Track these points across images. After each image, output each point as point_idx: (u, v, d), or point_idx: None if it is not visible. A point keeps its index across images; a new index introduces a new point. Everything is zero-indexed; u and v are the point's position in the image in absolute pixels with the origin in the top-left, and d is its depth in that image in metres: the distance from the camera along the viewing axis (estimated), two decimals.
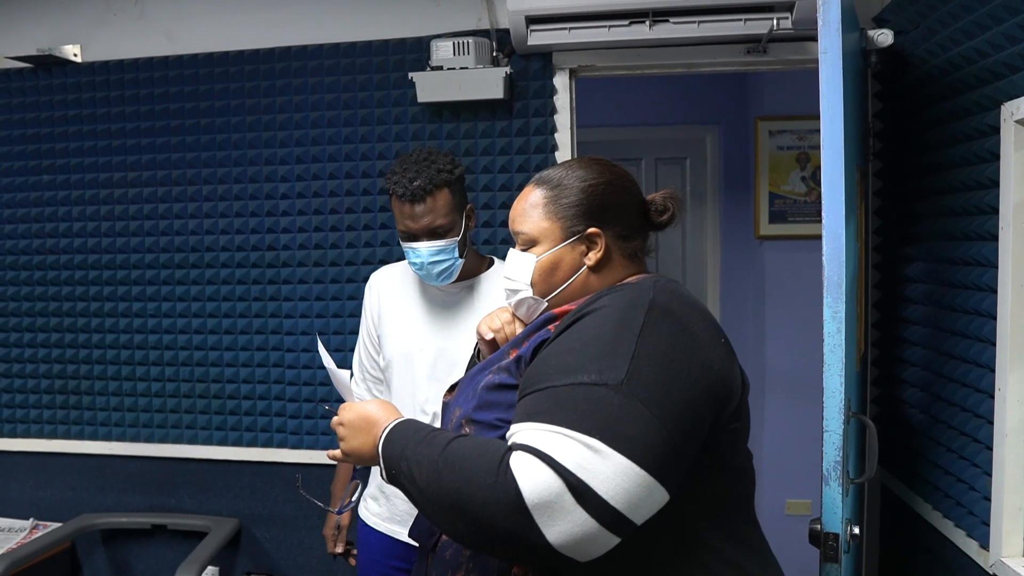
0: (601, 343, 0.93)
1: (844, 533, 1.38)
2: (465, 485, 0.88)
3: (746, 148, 3.35)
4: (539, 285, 1.16)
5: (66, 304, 2.58)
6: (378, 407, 1.10)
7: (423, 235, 1.66)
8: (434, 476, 0.91)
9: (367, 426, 1.08)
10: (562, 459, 0.84)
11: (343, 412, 1.12)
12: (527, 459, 0.85)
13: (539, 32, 2.08)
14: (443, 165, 1.67)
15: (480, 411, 1.08)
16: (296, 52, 2.35)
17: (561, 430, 0.86)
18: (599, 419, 0.86)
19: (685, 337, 0.96)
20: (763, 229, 3.26)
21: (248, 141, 2.40)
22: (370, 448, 1.06)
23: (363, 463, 1.11)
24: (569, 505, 0.82)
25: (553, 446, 0.85)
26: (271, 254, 2.42)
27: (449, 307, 1.80)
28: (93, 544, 2.63)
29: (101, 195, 2.51)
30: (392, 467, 1.00)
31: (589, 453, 0.84)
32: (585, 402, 0.88)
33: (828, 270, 1.34)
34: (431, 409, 1.75)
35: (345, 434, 1.10)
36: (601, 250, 1.13)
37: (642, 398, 0.88)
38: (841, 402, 1.35)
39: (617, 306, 0.98)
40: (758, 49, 2.11)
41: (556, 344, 0.99)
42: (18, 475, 2.68)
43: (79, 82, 2.49)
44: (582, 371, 0.91)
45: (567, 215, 1.14)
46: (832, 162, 1.34)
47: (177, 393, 2.52)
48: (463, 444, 0.93)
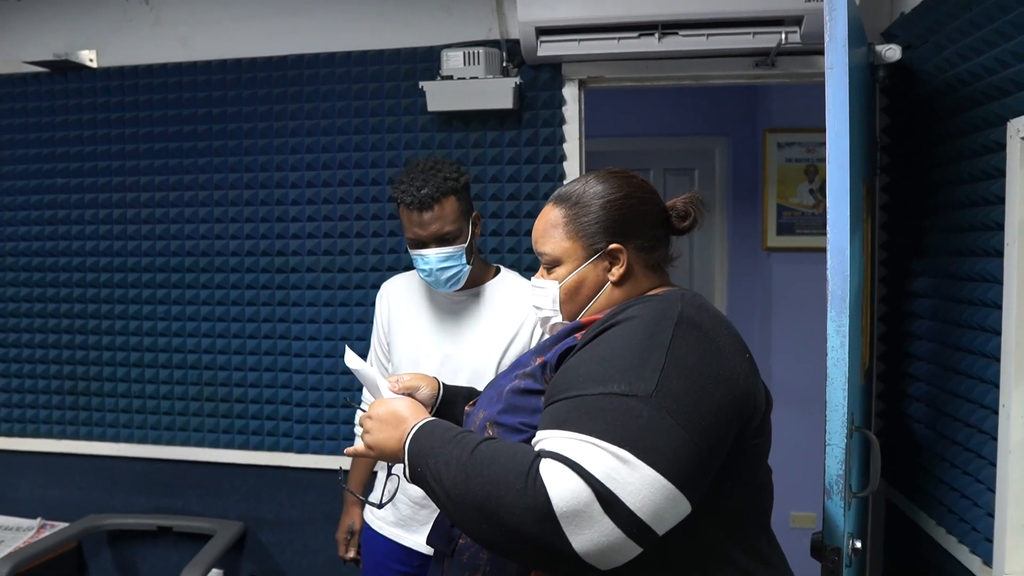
0: (631, 354, 0.94)
1: (846, 547, 1.38)
2: (494, 489, 0.88)
3: (755, 160, 3.35)
4: (566, 307, 1.18)
5: (76, 306, 2.60)
6: (407, 405, 1.10)
7: (432, 242, 1.69)
8: (462, 477, 0.91)
9: (395, 421, 1.08)
10: (591, 468, 0.85)
11: (374, 407, 1.12)
12: (557, 467, 0.86)
13: (549, 43, 2.10)
14: (449, 173, 1.70)
15: (505, 414, 1.10)
16: (308, 60, 2.38)
17: (590, 439, 0.87)
18: (628, 430, 0.87)
19: (713, 351, 0.97)
20: (771, 241, 3.26)
21: (259, 147, 2.43)
22: (395, 443, 1.06)
23: (384, 459, 1.10)
24: (597, 514, 0.84)
25: (582, 455, 0.86)
26: (280, 259, 2.44)
27: (455, 314, 1.82)
28: (99, 544, 2.65)
29: (113, 199, 2.54)
30: (417, 464, 1.00)
31: (618, 463, 0.85)
32: (614, 412, 0.89)
33: (832, 284, 1.35)
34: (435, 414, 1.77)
35: (372, 427, 1.11)
36: (623, 265, 1.14)
37: (671, 410, 0.89)
38: (844, 416, 1.35)
39: (646, 317, 0.99)
40: (767, 62, 2.12)
41: (585, 352, 1.00)
42: (27, 474, 2.71)
43: (94, 87, 2.52)
44: (612, 381, 0.92)
45: (587, 233, 1.14)
46: (838, 177, 1.35)
47: (185, 396, 2.54)
48: (492, 447, 0.93)
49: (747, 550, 1.04)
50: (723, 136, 3.52)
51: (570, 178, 2.25)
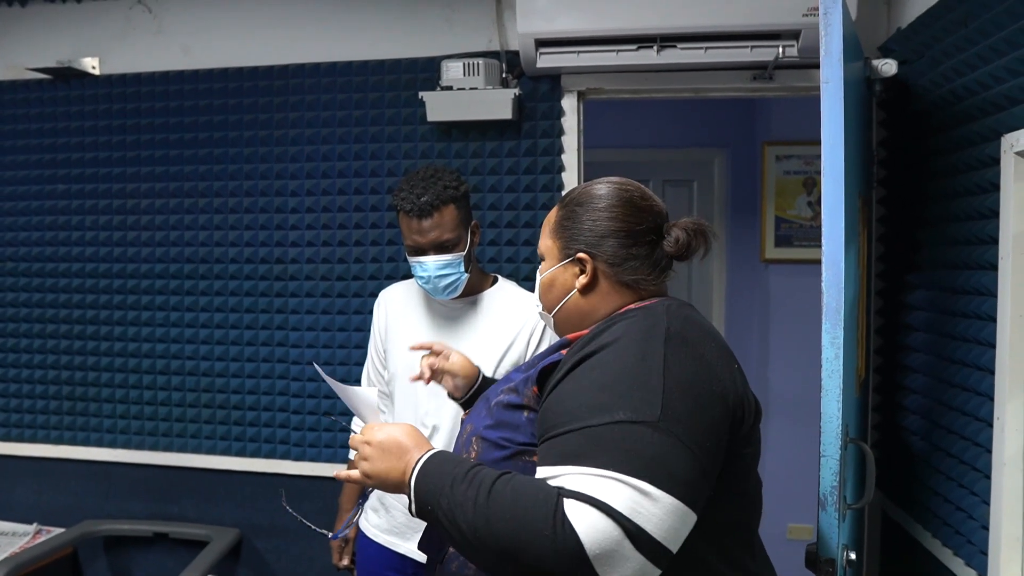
0: (630, 378, 0.94)
1: (840, 559, 1.38)
2: (519, 533, 0.87)
3: (753, 172, 3.37)
4: (543, 299, 1.22)
5: (75, 312, 2.61)
6: (407, 433, 1.06)
7: (430, 249, 1.71)
8: (482, 522, 0.90)
9: (398, 451, 1.03)
10: (616, 505, 0.85)
11: (371, 432, 1.06)
12: (583, 508, 0.86)
13: (548, 55, 2.12)
14: (449, 182, 1.71)
15: (490, 429, 1.10)
16: (309, 69, 2.39)
17: (609, 474, 0.87)
18: (643, 460, 0.88)
19: (703, 365, 0.98)
20: (769, 253, 3.27)
21: (260, 155, 2.44)
22: (398, 476, 1.02)
23: (384, 489, 1.06)
24: (628, 552, 0.84)
25: (605, 492, 0.86)
26: (279, 267, 2.45)
27: (452, 322, 1.83)
28: (95, 550, 2.64)
29: (114, 205, 2.55)
30: (427, 503, 0.97)
31: (640, 496, 0.86)
32: (626, 442, 0.89)
33: (827, 296, 1.36)
34: (431, 422, 1.78)
35: (371, 454, 1.05)
36: (588, 276, 1.14)
37: (678, 433, 0.90)
38: (838, 428, 1.36)
39: (633, 336, 0.99)
40: (764, 76, 2.14)
41: (580, 378, 0.98)
42: (23, 480, 2.71)
43: (96, 94, 2.54)
44: (617, 409, 0.91)
45: (564, 236, 1.17)
46: (832, 190, 1.36)
47: (182, 402, 2.55)
48: (509, 488, 0.91)
49: (731, 562, 1.04)
50: (722, 148, 3.53)
51: (568, 189, 2.26)
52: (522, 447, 1.07)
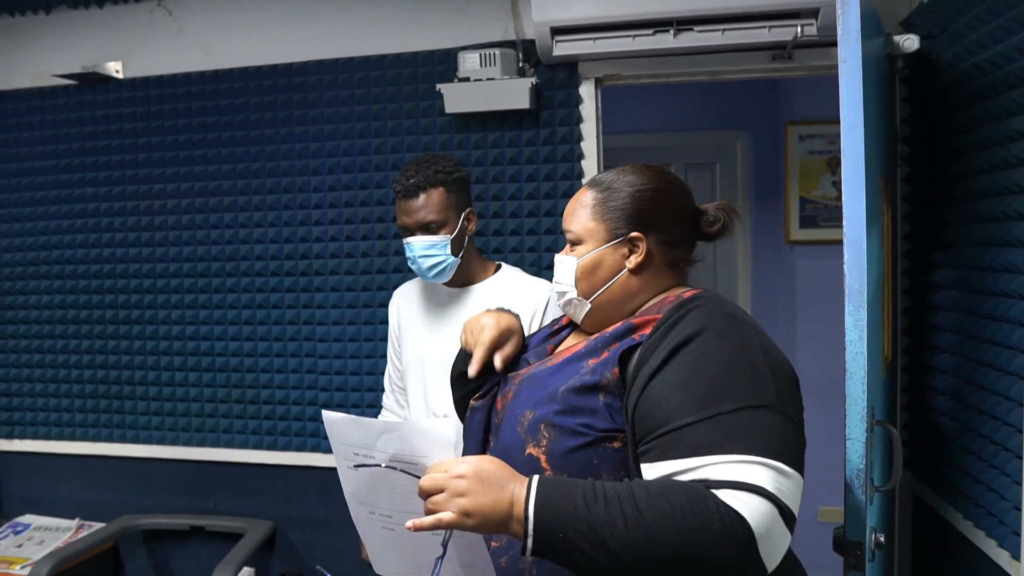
0: (740, 365, 0.98)
1: (868, 541, 1.37)
2: (688, 536, 0.86)
3: (776, 153, 3.33)
4: (581, 284, 1.19)
5: (108, 312, 2.67)
6: (494, 460, 0.97)
7: (416, 229, 1.76)
8: (640, 535, 0.86)
9: (499, 480, 0.93)
10: (768, 486, 0.89)
11: (452, 466, 0.96)
12: (742, 496, 0.88)
13: (564, 43, 2.11)
14: (442, 167, 1.76)
15: (563, 416, 1.07)
16: (327, 65, 2.41)
17: (752, 458, 0.91)
18: (773, 441, 0.92)
19: (778, 349, 1.04)
20: (794, 234, 3.24)
21: (281, 153, 2.47)
22: (504, 508, 0.91)
23: (487, 528, 0.93)
24: (782, 530, 0.89)
25: (756, 476, 0.89)
26: (304, 263, 2.48)
27: (453, 312, 1.86)
28: (135, 544, 2.71)
29: (141, 206, 2.60)
30: (559, 531, 0.88)
31: (780, 476, 0.90)
32: (755, 426, 0.93)
33: (850, 278, 1.34)
34: (441, 411, 1.82)
35: (468, 488, 0.93)
36: (642, 254, 1.15)
37: (790, 413, 0.96)
38: (864, 410, 1.35)
39: (721, 325, 1.02)
40: (783, 55, 2.11)
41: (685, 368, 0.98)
42: (65, 476, 2.79)
43: (121, 97, 2.58)
44: (740, 396, 0.95)
45: (612, 217, 1.17)
46: (853, 170, 1.34)
47: (214, 398, 2.60)
48: (655, 494, 0.89)
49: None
50: (744, 130, 3.49)
51: (588, 176, 2.25)
52: (603, 433, 1.05)
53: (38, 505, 2.81)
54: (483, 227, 2.35)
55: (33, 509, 2.81)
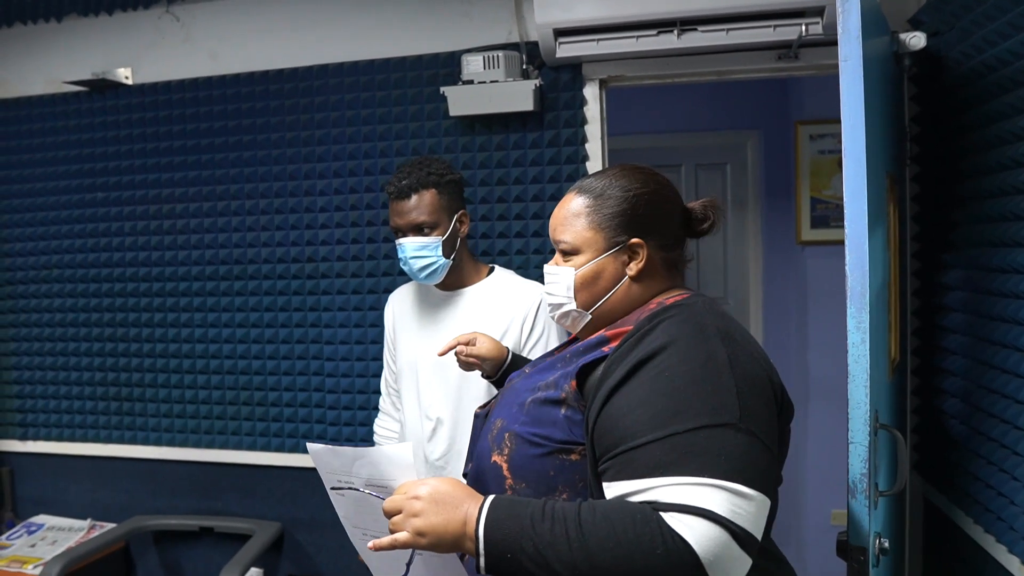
0: (702, 381, 0.94)
1: (872, 547, 1.35)
2: (629, 562, 0.85)
3: (787, 153, 3.30)
4: (581, 295, 1.16)
5: (119, 315, 2.70)
6: (453, 483, 0.98)
7: (408, 230, 1.76)
8: (582, 557, 0.86)
9: (452, 501, 0.95)
10: (719, 510, 0.86)
11: (412, 487, 0.98)
12: (688, 520, 0.85)
13: (568, 44, 2.10)
14: (435, 169, 1.77)
15: (526, 426, 1.08)
16: (333, 69, 2.42)
17: (705, 480, 0.87)
18: (733, 461, 0.89)
19: (755, 361, 1.01)
20: (805, 234, 3.20)
21: (288, 157, 2.48)
22: (456, 528, 0.93)
23: (437, 548, 0.96)
24: (737, 554, 0.86)
25: (706, 499, 0.86)
26: (310, 266, 2.49)
27: (445, 315, 1.87)
28: (145, 544, 2.74)
29: (151, 211, 2.63)
30: (506, 551, 0.90)
31: (736, 498, 0.87)
32: (713, 446, 0.89)
33: (851, 279, 1.34)
34: (434, 414, 1.83)
35: (423, 508, 0.95)
36: (643, 260, 1.14)
37: (756, 431, 0.93)
38: (866, 413, 1.34)
39: (690, 337, 0.99)
40: (789, 54, 2.09)
41: (646, 385, 0.96)
42: (77, 477, 2.82)
43: (130, 103, 2.61)
44: (698, 414, 0.91)
45: (610, 225, 1.14)
46: (854, 170, 1.33)
47: (223, 400, 2.61)
48: (599, 516, 0.88)
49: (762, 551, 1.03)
50: (755, 130, 3.46)
51: None
52: (560, 445, 1.05)
53: (51, 505, 2.84)
54: (488, 230, 2.35)
55: (46, 509, 2.85)
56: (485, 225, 2.35)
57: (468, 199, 2.34)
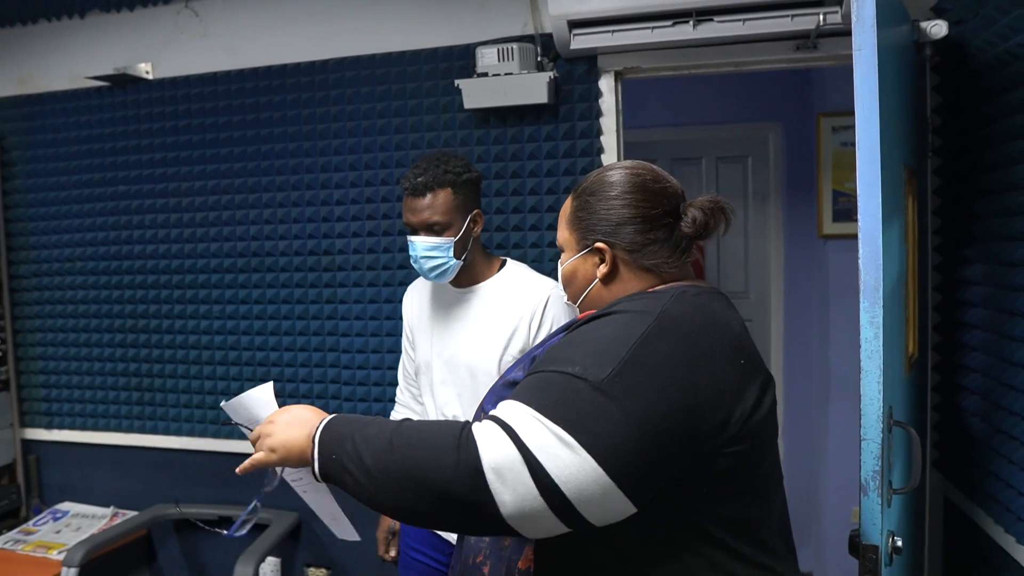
0: (598, 343, 0.96)
1: (884, 545, 1.33)
2: (424, 454, 0.89)
3: (809, 145, 3.24)
4: (567, 290, 1.22)
5: (140, 307, 2.74)
6: (309, 408, 1.07)
7: (421, 229, 1.73)
8: (386, 451, 0.92)
9: (303, 421, 1.04)
10: (524, 436, 0.87)
11: (275, 414, 1.08)
12: (492, 428, 0.89)
13: (582, 36, 2.09)
14: (452, 167, 1.72)
15: (491, 405, 1.09)
16: (348, 63, 2.43)
17: (532, 412, 0.89)
18: (570, 410, 0.88)
19: (685, 354, 0.95)
20: (827, 228, 3.15)
21: (304, 150, 2.50)
22: (303, 439, 1.01)
23: (288, 461, 1.04)
24: (523, 476, 0.85)
25: (520, 422, 0.88)
26: (327, 259, 2.51)
27: (458, 312, 1.84)
28: (166, 532, 2.79)
29: (170, 204, 2.66)
30: (332, 452, 0.96)
31: (552, 439, 0.86)
32: (562, 391, 0.90)
33: (865, 274, 1.30)
34: (450, 412, 1.81)
35: (274, 429, 1.05)
36: (608, 265, 1.13)
37: (619, 402, 0.88)
38: (879, 410, 1.31)
39: (628, 311, 1.00)
40: (808, 45, 2.05)
41: (563, 338, 1.03)
42: (100, 466, 2.87)
43: (150, 98, 2.65)
44: (570, 363, 0.93)
45: (581, 227, 1.15)
46: (868, 162, 1.30)
47: (241, 391, 2.63)
48: (420, 423, 0.96)
49: (740, 558, 1.00)
50: (776, 122, 3.41)
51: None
52: None
53: (76, 493, 2.91)
54: (503, 222, 2.34)
55: (71, 497, 2.91)
56: (500, 218, 2.34)
57: (483, 192, 2.34)
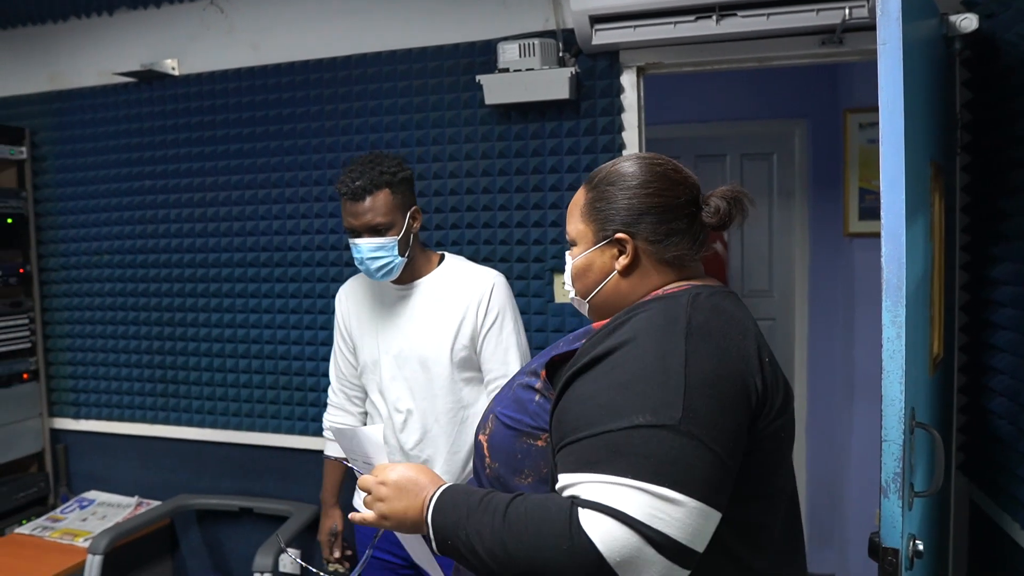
0: (648, 379, 0.91)
1: (905, 549, 1.31)
2: (537, 553, 0.86)
3: (835, 142, 3.20)
4: (577, 284, 1.18)
5: (165, 300, 2.78)
6: (420, 470, 1.06)
7: (364, 232, 1.75)
8: (500, 547, 0.89)
9: (414, 489, 1.03)
10: (633, 512, 0.83)
11: (383, 472, 1.07)
12: (597, 518, 0.84)
13: (604, 31, 2.07)
14: (387, 167, 1.75)
15: (506, 408, 1.12)
16: (371, 58, 2.44)
17: (626, 481, 0.85)
18: (663, 464, 0.85)
19: (726, 360, 0.94)
20: (853, 226, 3.11)
21: (327, 145, 2.51)
22: (416, 514, 1.02)
23: (401, 530, 1.05)
24: (651, 557, 0.83)
25: (621, 500, 0.84)
26: (348, 254, 2.52)
27: (402, 308, 1.87)
28: (189, 522, 2.83)
29: (195, 198, 2.70)
30: (448, 538, 0.97)
31: (659, 502, 0.84)
32: (646, 447, 0.87)
33: (887, 272, 1.28)
34: (403, 407, 1.85)
35: (387, 494, 1.04)
36: (629, 256, 1.10)
37: (700, 435, 0.88)
38: (901, 411, 1.29)
39: (653, 333, 0.96)
40: (833, 39, 2.02)
41: (597, 379, 0.96)
42: (125, 456, 2.92)
43: (176, 94, 2.68)
44: (636, 412, 0.89)
45: (599, 218, 1.12)
46: (892, 159, 1.28)
47: (263, 385, 2.67)
48: (523, 508, 0.91)
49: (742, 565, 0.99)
50: (801, 118, 3.37)
51: None
52: (529, 429, 1.08)
53: (102, 482, 2.96)
54: (523, 219, 2.34)
55: (97, 485, 2.96)
56: (520, 214, 2.34)
57: (504, 188, 2.35)
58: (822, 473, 3.37)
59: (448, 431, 1.85)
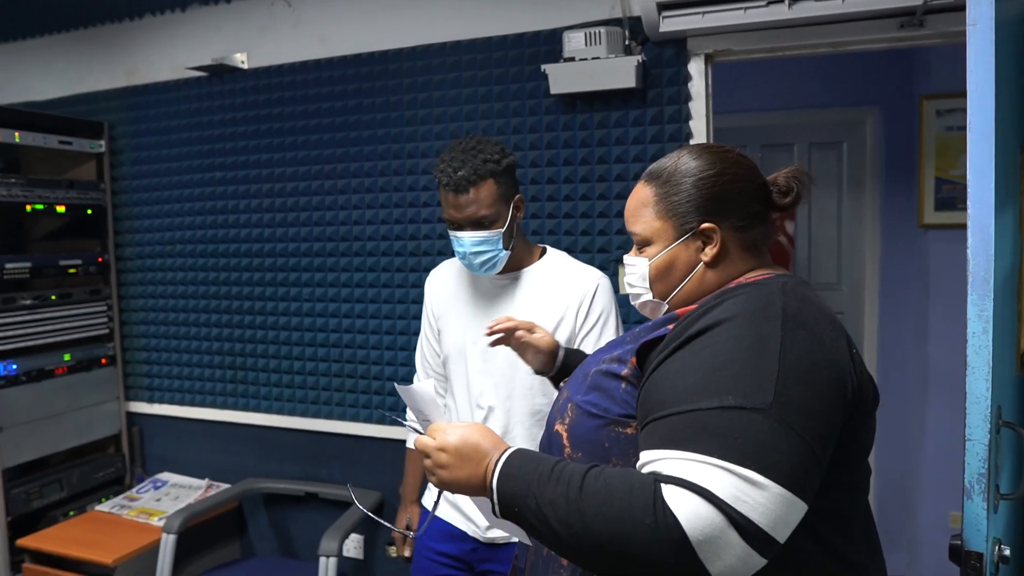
0: (742, 361, 0.90)
1: (989, 553, 1.26)
2: (619, 526, 0.84)
3: (910, 130, 3.08)
4: (657, 286, 1.14)
5: (235, 288, 2.86)
6: (481, 433, 1.02)
7: (467, 225, 1.66)
8: (577, 518, 0.87)
9: (476, 455, 0.99)
10: (718, 492, 0.82)
11: (442, 435, 1.02)
12: (682, 494, 0.83)
13: (672, 18, 2.04)
14: (490, 155, 1.64)
15: (586, 396, 1.09)
16: (436, 49, 2.45)
17: (713, 460, 0.84)
18: (750, 447, 0.84)
19: (822, 350, 0.93)
20: (928, 217, 3.00)
21: (392, 136, 2.54)
22: (478, 481, 0.99)
23: (465, 493, 1.02)
24: (733, 540, 0.81)
25: (707, 478, 0.83)
26: (413, 243, 2.55)
27: (497, 300, 1.77)
28: (256, 505, 2.91)
29: (264, 189, 2.76)
30: (514, 505, 0.94)
31: (745, 484, 0.82)
32: (735, 428, 0.85)
33: (973, 264, 1.24)
34: (485, 403, 1.76)
35: (448, 462, 1.00)
36: (717, 245, 1.08)
37: (790, 421, 0.86)
38: (987, 409, 1.24)
39: (748, 316, 0.94)
40: (913, 22, 1.94)
41: (688, 358, 0.94)
42: (196, 440, 3.02)
43: (245, 87, 2.75)
44: (726, 393, 0.87)
45: (678, 212, 1.09)
46: (980, 146, 1.23)
47: (329, 372, 2.72)
48: (602, 480, 0.89)
49: (829, 551, 0.97)
50: (874, 105, 3.25)
51: None
52: (617, 418, 1.05)
53: (174, 464, 3.07)
54: (588, 209, 2.33)
55: (169, 467, 3.07)
56: (585, 204, 2.32)
57: (568, 178, 2.33)
58: (893, 473, 3.27)
59: (531, 434, 1.73)
